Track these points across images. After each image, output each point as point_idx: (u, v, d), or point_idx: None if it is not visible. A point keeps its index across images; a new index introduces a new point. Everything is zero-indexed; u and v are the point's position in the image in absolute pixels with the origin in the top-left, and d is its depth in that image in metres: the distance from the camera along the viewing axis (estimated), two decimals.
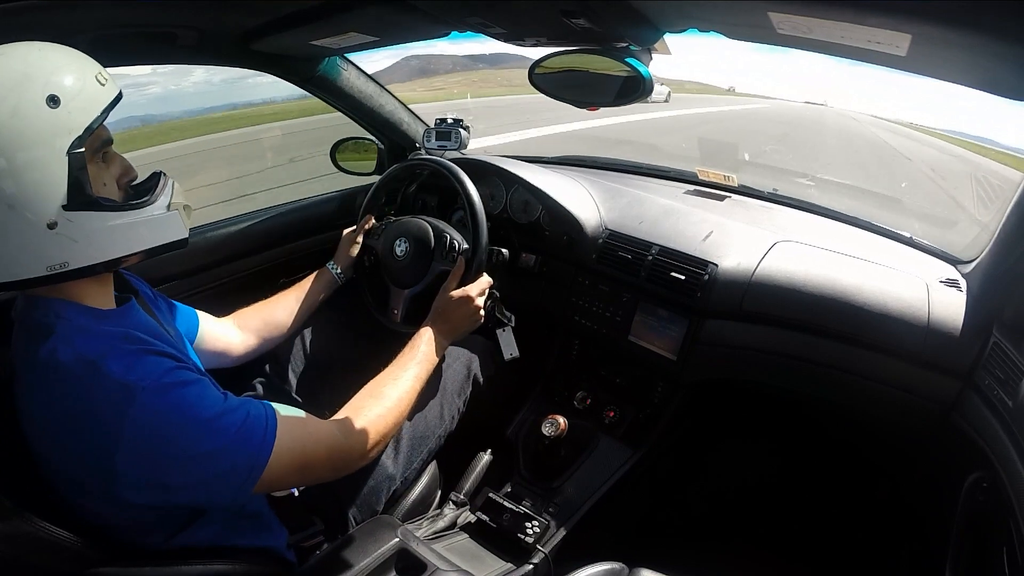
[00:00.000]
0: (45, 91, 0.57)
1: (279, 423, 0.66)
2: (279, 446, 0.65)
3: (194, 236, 1.27)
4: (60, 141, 0.57)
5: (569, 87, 0.91)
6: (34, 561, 0.55)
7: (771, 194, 1.43)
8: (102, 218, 0.62)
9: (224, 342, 0.99)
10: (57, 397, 0.58)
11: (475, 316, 1.03)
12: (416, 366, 0.92)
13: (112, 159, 0.66)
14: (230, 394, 0.67)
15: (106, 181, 0.64)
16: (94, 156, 0.62)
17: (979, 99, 0.65)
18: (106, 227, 0.62)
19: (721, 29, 0.75)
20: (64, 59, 0.60)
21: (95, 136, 0.61)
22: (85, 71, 0.61)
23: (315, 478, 0.76)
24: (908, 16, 0.52)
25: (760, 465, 1.40)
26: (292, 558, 0.84)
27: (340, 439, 0.74)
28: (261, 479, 0.64)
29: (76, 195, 0.59)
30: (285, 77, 1.30)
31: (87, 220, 0.60)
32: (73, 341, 0.59)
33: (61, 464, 0.60)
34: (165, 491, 0.60)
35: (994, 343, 0.85)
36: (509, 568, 0.97)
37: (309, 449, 0.70)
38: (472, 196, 1.10)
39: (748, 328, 1.10)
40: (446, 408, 1.09)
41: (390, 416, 0.82)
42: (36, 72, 0.57)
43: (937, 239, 1.17)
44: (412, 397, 0.88)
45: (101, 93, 0.61)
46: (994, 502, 0.76)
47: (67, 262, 0.60)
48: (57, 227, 0.58)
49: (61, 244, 0.59)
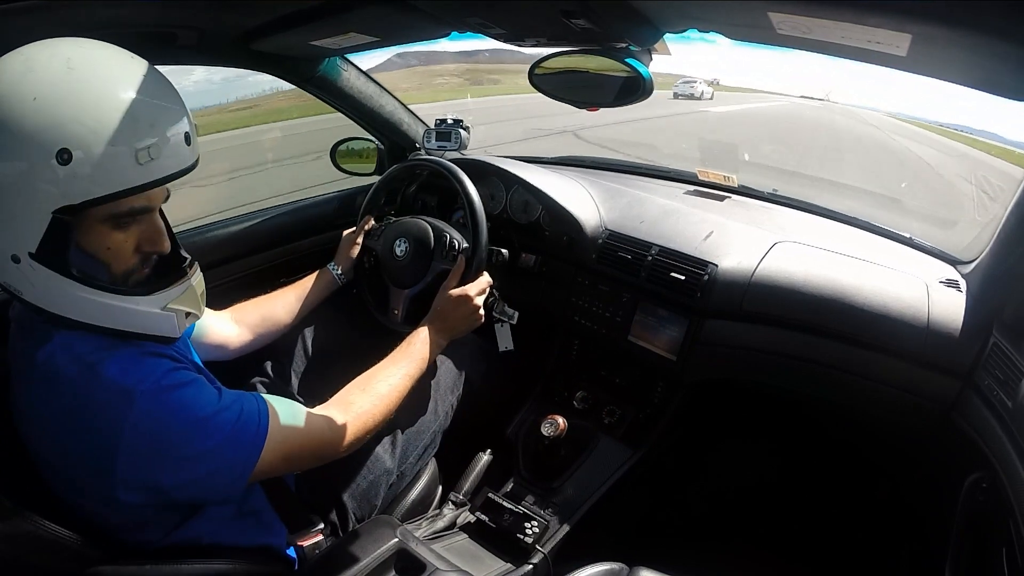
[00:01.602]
0: (60, 143, 0.46)
1: (272, 418, 0.67)
2: (271, 439, 0.65)
3: (195, 236, 1.30)
4: (49, 201, 0.48)
5: (569, 88, 0.91)
6: (34, 560, 0.55)
7: (771, 194, 1.43)
8: (71, 285, 0.54)
9: (222, 336, 0.99)
10: (55, 399, 0.57)
11: (474, 316, 1.03)
12: (408, 363, 0.91)
13: (137, 224, 0.57)
14: (224, 389, 0.67)
15: (111, 245, 0.56)
16: (107, 219, 0.54)
17: (983, 94, 0.65)
18: (70, 292, 0.54)
19: (721, 29, 0.75)
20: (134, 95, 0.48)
21: (114, 205, 0.52)
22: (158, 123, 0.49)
23: (299, 467, 0.77)
24: (908, 16, 0.52)
25: (760, 465, 1.40)
26: (292, 557, 0.84)
27: (326, 430, 0.75)
28: (253, 475, 0.64)
29: (47, 253, 0.52)
30: (285, 77, 1.30)
31: (51, 278, 0.53)
32: (71, 344, 0.58)
33: (59, 465, 0.61)
34: (159, 491, 0.60)
35: (994, 343, 0.85)
36: (509, 568, 0.97)
37: (296, 441, 0.71)
38: (472, 196, 1.10)
39: (748, 328, 1.10)
40: (440, 404, 1.10)
41: (376, 411, 0.81)
42: (79, 104, 0.46)
43: (937, 239, 1.17)
44: (402, 393, 0.87)
45: (144, 168, 0.50)
46: (994, 502, 0.76)
47: (21, 292, 0.55)
48: (20, 263, 0.52)
49: (19, 277, 0.53)
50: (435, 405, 1.09)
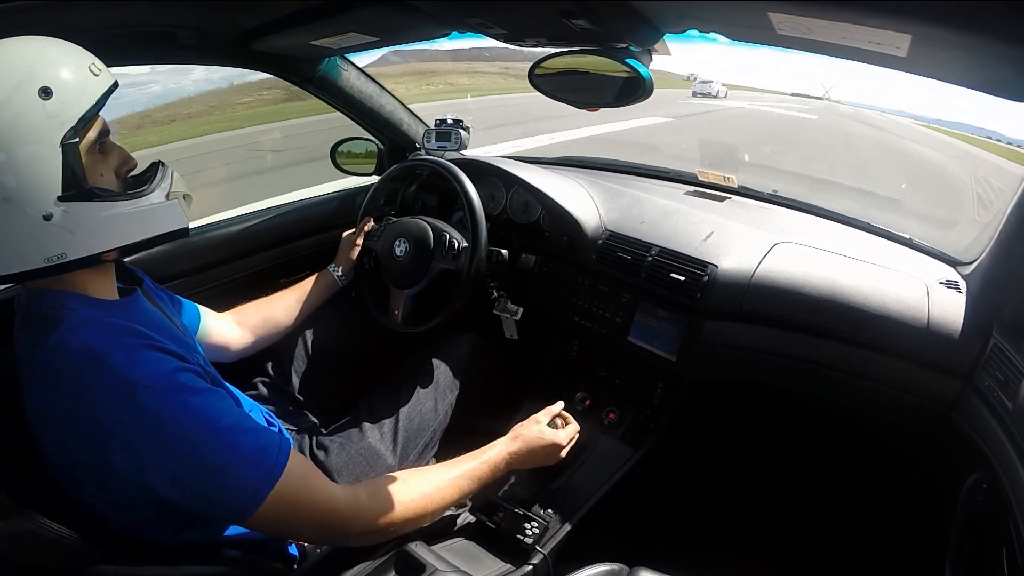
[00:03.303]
0: (37, 83, 0.56)
1: (291, 463, 0.63)
2: (285, 485, 0.62)
3: (195, 236, 1.29)
4: (54, 133, 0.57)
5: (569, 88, 0.91)
6: (36, 559, 0.55)
7: (771, 195, 1.43)
8: (98, 208, 0.61)
9: (224, 337, 1.00)
10: (61, 384, 0.58)
11: (555, 458, 0.97)
12: (468, 473, 0.83)
13: (110, 149, 0.66)
14: (248, 416, 0.66)
15: (103, 172, 0.64)
16: (91, 147, 0.62)
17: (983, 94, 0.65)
18: (102, 217, 0.62)
19: (721, 30, 0.75)
20: (57, 52, 0.60)
21: (91, 127, 0.61)
22: (78, 63, 0.60)
23: (297, 534, 0.72)
24: (908, 16, 0.52)
25: (760, 465, 1.40)
26: (293, 555, 0.84)
27: (343, 509, 0.68)
28: (259, 513, 0.60)
29: (71, 186, 0.59)
30: (285, 77, 1.31)
31: (83, 211, 0.60)
32: (80, 332, 0.59)
33: (59, 455, 0.60)
34: (154, 491, 0.58)
35: (994, 344, 0.85)
36: (508, 569, 0.97)
37: (308, 501, 0.65)
38: (471, 196, 1.10)
39: (748, 329, 1.10)
40: (439, 402, 1.10)
41: (412, 505, 0.74)
42: (28, 65, 0.57)
43: (937, 240, 1.17)
44: (445, 501, 0.79)
45: (95, 83, 0.61)
46: (994, 502, 0.76)
47: (64, 253, 0.60)
48: (53, 218, 0.58)
49: (58, 236, 0.59)
50: (435, 404, 1.09)
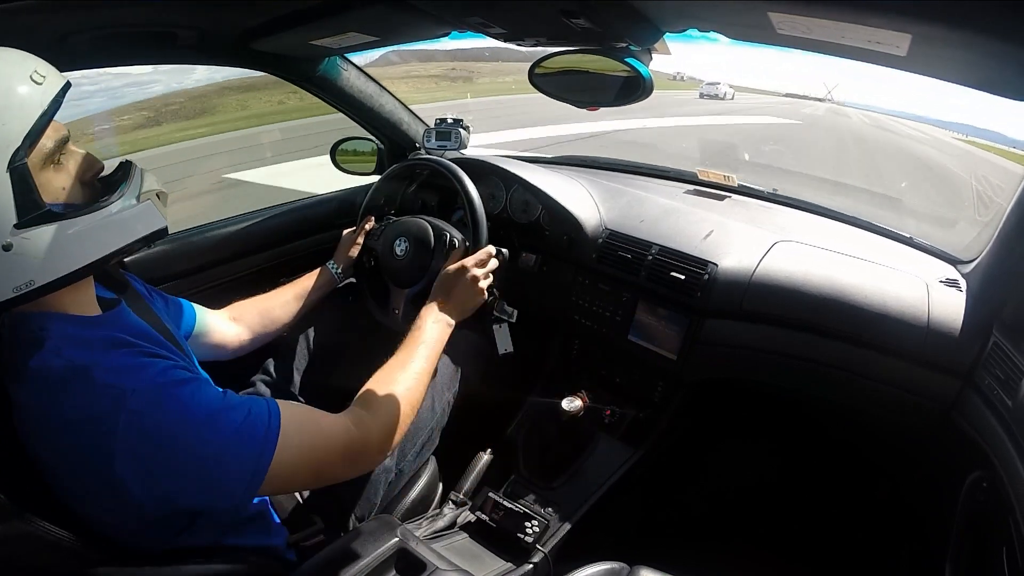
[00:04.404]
0: None
1: (285, 419, 0.64)
2: (286, 444, 0.62)
3: (194, 236, 1.30)
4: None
5: (569, 87, 0.91)
6: (34, 562, 0.55)
7: (771, 194, 1.43)
8: (61, 228, 0.57)
9: (220, 335, 0.99)
10: (52, 406, 0.57)
11: (474, 288, 0.99)
12: (423, 347, 0.88)
13: (70, 157, 0.61)
14: (231, 392, 0.65)
15: (65, 184, 0.60)
16: (46, 161, 0.57)
17: (983, 93, 0.65)
18: (67, 236, 0.57)
19: (721, 29, 0.75)
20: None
21: (41, 139, 0.56)
22: (14, 73, 0.55)
23: (331, 476, 0.73)
24: (908, 16, 0.52)
25: (760, 465, 1.40)
26: (292, 557, 0.84)
27: (354, 432, 0.71)
28: (268, 480, 0.61)
29: (27, 211, 0.55)
30: (285, 77, 1.31)
31: (44, 234, 0.56)
32: (62, 350, 0.58)
33: (63, 471, 0.59)
34: (166, 496, 0.58)
35: (994, 343, 0.85)
36: (509, 568, 0.97)
37: (320, 445, 0.67)
38: (472, 196, 1.10)
39: (748, 328, 1.10)
40: (436, 400, 1.09)
41: (404, 403, 0.78)
42: None
43: (937, 239, 1.17)
44: (425, 380, 0.85)
45: (37, 93, 0.55)
46: (994, 502, 0.76)
47: (32, 280, 0.56)
48: (13, 248, 0.54)
49: (22, 264, 0.55)
50: (432, 402, 1.08)
